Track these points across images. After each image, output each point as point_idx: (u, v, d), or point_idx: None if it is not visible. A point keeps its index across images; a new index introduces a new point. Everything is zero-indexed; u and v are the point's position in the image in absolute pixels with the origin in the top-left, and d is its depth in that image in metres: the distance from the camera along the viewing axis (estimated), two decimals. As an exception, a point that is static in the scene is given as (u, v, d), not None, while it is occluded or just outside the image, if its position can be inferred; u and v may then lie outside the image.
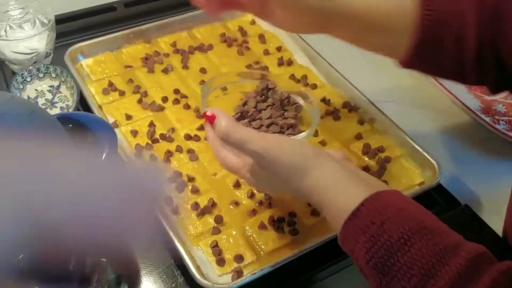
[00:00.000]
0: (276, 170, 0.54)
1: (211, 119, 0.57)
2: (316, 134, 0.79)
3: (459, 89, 0.91)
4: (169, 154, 0.75)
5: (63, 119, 0.60)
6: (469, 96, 0.91)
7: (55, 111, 0.81)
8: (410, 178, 0.75)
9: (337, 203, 0.52)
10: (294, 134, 0.65)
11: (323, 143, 0.78)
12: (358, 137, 0.80)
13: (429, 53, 0.64)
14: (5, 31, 0.83)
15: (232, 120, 0.57)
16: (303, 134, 0.64)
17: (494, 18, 0.60)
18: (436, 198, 0.75)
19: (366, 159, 0.77)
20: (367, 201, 0.50)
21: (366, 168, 0.75)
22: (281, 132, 0.66)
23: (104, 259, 0.64)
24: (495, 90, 0.66)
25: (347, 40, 0.68)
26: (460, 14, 0.61)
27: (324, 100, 0.85)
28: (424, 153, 0.75)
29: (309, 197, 0.55)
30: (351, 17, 0.64)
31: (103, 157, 0.56)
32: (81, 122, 0.60)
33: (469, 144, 0.85)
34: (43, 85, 0.85)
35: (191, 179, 0.72)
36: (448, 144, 0.85)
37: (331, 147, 0.78)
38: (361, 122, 0.82)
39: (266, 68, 0.90)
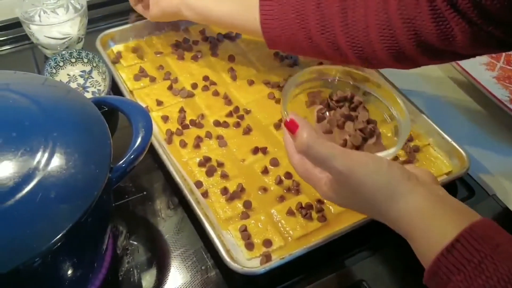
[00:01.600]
0: (360, 190, 0.51)
1: (292, 128, 0.53)
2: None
3: (487, 79, 0.90)
4: (199, 139, 0.76)
5: (98, 102, 0.62)
6: (497, 86, 0.91)
7: (87, 95, 0.82)
8: (438, 167, 0.75)
9: (428, 235, 0.48)
10: (376, 147, 0.60)
11: (351, 131, 0.78)
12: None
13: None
14: (39, 16, 0.85)
15: (315, 132, 0.52)
16: (390, 151, 0.58)
17: None
18: (463, 188, 0.75)
19: (394, 148, 0.77)
20: (462, 236, 0.46)
21: (395, 158, 0.75)
22: (363, 140, 0.60)
23: (135, 241, 0.66)
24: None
25: None
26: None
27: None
28: (453, 142, 0.75)
29: (394, 224, 0.51)
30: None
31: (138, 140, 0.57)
32: (115, 106, 0.62)
33: (497, 134, 0.85)
34: (75, 70, 0.86)
35: (220, 164, 0.73)
36: (476, 133, 0.85)
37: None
38: (389, 111, 0.82)
39: (293, 56, 0.91)
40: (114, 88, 0.82)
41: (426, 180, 0.53)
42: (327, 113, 0.63)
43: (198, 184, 0.70)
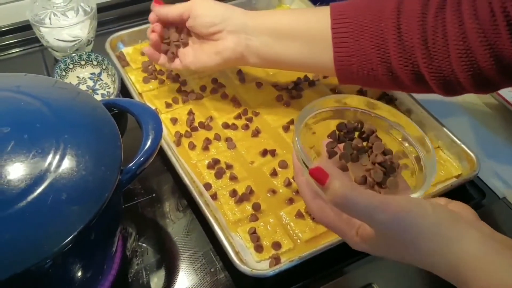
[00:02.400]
0: (405, 240, 0.46)
1: (321, 179, 0.47)
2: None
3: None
4: (207, 142, 0.76)
5: (108, 105, 0.62)
6: (507, 88, 0.90)
7: (96, 98, 0.82)
8: (447, 170, 0.74)
9: (489, 280, 0.44)
10: (400, 182, 0.54)
11: (360, 134, 0.78)
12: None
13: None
14: (49, 18, 0.85)
15: (349, 180, 0.47)
16: (419, 193, 0.52)
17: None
18: (473, 191, 0.75)
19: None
20: None
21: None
22: (384, 175, 0.54)
23: (144, 243, 0.66)
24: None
25: None
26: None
27: (360, 91, 0.85)
28: (462, 145, 0.75)
29: (447, 272, 0.46)
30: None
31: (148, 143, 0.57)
32: (126, 108, 0.62)
33: (507, 136, 0.84)
34: (85, 72, 0.87)
35: (229, 166, 0.73)
36: (485, 136, 0.84)
37: (368, 137, 0.78)
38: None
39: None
40: (123, 90, 0.83)
41: (469, 217, 0.50)
42: (337, 146, 0.58)
43: (207, 186, 0.70)
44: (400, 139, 0.58)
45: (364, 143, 0.57)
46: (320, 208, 0.52)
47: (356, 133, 0.58)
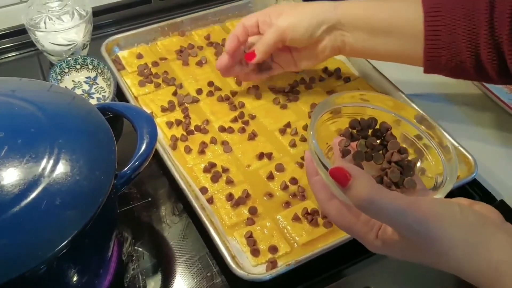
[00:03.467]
0: (433, 246, 0.44)
1: (342, 180, 0.44)
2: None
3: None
4: (203, 145, 0.75)
5: (103, 109, 0.62)
6: (503, 90, 0.90)
7: (92, 102, 0.82)
8: (445, 173, 0.74)
9: None
10: (417, 182, 0.52)
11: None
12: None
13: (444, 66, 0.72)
14: (45, 22, 0.85)
15: (374, 181, 0.44)
16: (440, 194, 0.50)
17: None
18: (471, 193, 0.74)
19: (400, 153, 0.76)
20: None
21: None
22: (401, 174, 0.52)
23: (140, 248, 0.66)
24: None
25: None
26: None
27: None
28: (460, 147, 0.75)
29: (474, 277, 0.45)
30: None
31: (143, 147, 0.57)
32: (120, 112, 0.61)
33: (503, 138, 0.84)
34: (80, 76, 0.86)
35: (225, 170, 0.73)
36: (482, 138, 0.84)
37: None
38: (395, 115, 0.82)
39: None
40: (119, 94, 0.82)
41: (495, 219, 0.48)
42: (350, 144, 0.55)
43: (203, 190, 0.70)
44: (413, 136, 0.56)
45: (378, 141, 0.55)
46: (337, 209, 0.50)
47: (370, 131, 0.56)
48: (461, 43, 0.69)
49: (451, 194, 0.56)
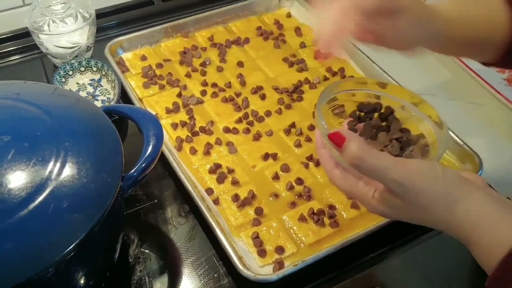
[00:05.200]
0: (417, 199, 0.49)
1: (338, 142, 0.50)
2: (354, 127, 0.79)
3: (498, 82, 0.90)
4: (209, 146, 0.75)
5: (109, 111, 0.62)
6: (508, 88, 0.90)
7: (96, 104, 0.82)
8: (450, 171, 0.74)
9: (491, 237, 0.47)
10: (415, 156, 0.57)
11: (361, 136, 0.78)
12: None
13: None
14: (48, 25, 0.85)
15: (364, 143, 0.50)
16: (428, 158, 0.56)
17: None
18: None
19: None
20: None
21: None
22: (401, 150, 0.57)
23: (147, 250, 0.66)
24: None
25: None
26: None
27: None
28: (465, 146, 0.75)
29: (454, 230, 0.49)
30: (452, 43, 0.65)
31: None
32: (126, 114, 0.61)
33: (509, 136, 0.84)
34: (85, 78, 0.86)
35: (230, 171, 0.73)
36: (488, 137, 0.84)
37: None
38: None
39: (302, 61, 0.91)
40: (124, 96, 0.82)
41: (479, 183, 0.52)
42: (357, 125, 0.61)
43: (209, 191, 0.70)
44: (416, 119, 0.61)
45: (383, 123, 0.60)
46: (340, 176, 0.54)
47: (376, 114, 0.62)
48: None
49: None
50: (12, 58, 0.95)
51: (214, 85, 0.86)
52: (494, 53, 0.66)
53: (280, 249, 0.64)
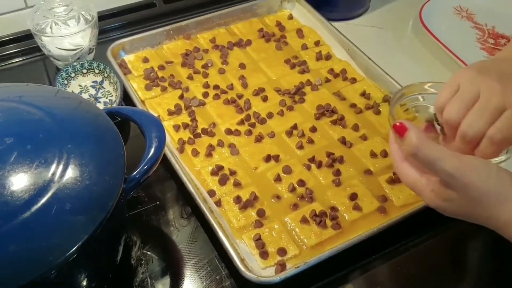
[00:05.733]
0: (469, 194, 0.50)
1: (401, 131, 0.53)
2: (356, 128, 0.79)
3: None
4: (211, 148, 0.76)
5: (111, 113, 0.62)
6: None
7: (99, 106, 0.82)
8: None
9: None
10: None
11: (364, 138, 0.78)
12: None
13: None
14: (51, 27, 0.85)
15: (424, 134, 0.52)
16: (501, 158, 0.57)
17: None
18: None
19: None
20: None
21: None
22: None
23: (149, 252, 0.66)
24: None
25: None
26: None
27: (364, 94, 0.85)
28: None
29: (503, 228, 0.51)
30: None
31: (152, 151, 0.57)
32: (129, 116, 0.62)
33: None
34: (87, 80, 0.86)
35: (232, 172, 0.73)
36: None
37: (372, 141, 0.78)
38: (401, 116, 0.82)
39: (304, 62, 0.91)
40: (126, 98, 0.82)
41: None
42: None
43: (211, 193, 0.70)
44: None
45: None
46: (405, 168, 0.56)
47: None
48: None
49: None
50: (15, 60, 0.95)
51: (216, 87, 0.86)
52: None
53: (282, 251, 0.64)
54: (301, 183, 0.72)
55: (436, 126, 0.62)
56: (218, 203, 0.69)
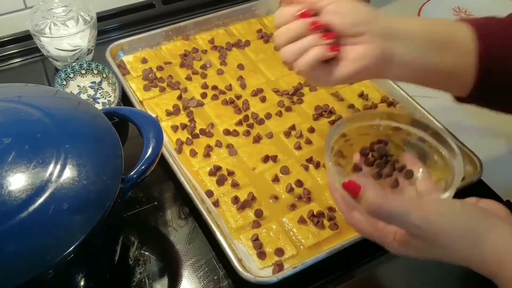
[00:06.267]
0: (438, 240, 0.48)
1: (353, 191, 0.50)
2: (354, 129, 0.79)
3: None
4: (209, 148, 0.76)
5: (109, 113, 0.62)
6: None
7: (97, 106, 0.82)
8: (450, 174, 0.74)
9: None
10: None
11: (361, 138, 0.78)
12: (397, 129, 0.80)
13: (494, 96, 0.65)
14: (50, 28, 0.85)
15: (380, 189, 0.50)
16: (444, 195, 0.55)
17: None
18: (477, 194, 0.74)
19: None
20: None
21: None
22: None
23: (147, 252, 0.66)
24: None
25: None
26: None
27: (362, 95, 0.85)
28: (465, 148, 0.75)
29: (480, 267, 0.49)
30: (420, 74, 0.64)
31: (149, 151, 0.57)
32: (126, 117, 0.62)
33: (509, 138, 0.84)
34: (86, 81, 0.87)
35: (230, 173, 0.73)
36: (488, 138, 0.84)
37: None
38: (399, 117, 0.82)
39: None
40: (124, 98, 0.83)
41: (500, 213, 0.51)
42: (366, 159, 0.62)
43: (209, 193, 0.70)
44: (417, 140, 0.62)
45: (389, 157, 0.62)
46: (357, 220, 0.54)
47: (385, 146, 0.63)
48: None
49: (456, 195, 0.56)
50: (14, 61, 0.95)
51: (215, 87, 0.86)
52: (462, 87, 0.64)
53: (279, 251, 0.65)
54: (299, 183, 0.72)
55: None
56: (216, 204, 0.69)
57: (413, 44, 0.62)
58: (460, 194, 0.70)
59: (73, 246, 0.47)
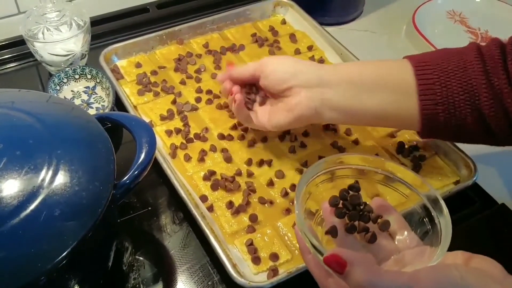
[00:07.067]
0: None
1: (339, 268, 0.44)
2: (349, 132, 0.79)
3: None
4: (203, 153, 0.75)
5: (102, 119, 0.62)
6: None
7: (91, 111, 0.82)
8: (445, 177, 0.74)
9: None
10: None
11: (356, 142, 0.78)
12: (391, 135, 0.80)
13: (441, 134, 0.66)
14: (43, 33, 0.85)
15: (370, 263, 0.45)
16: (432, 263, 0.48)
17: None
18: (472, 197, 0.74)
19: (400, 157, 0.77)
20: None
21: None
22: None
23: (141, 257, 0.66)
24: None
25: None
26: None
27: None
28: (460, 152, 0.75)
29: None
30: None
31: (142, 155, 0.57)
32: (119, 122, 0.62)
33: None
34: (79, 86, 0.86)
35: (225, 178, 0.73)
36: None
37: (365, 145, 0.78)
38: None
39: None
40: (118, 103, 0.82)
41: (497, 275, 0.47)
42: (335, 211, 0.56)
43: (203, 198, 0.70)
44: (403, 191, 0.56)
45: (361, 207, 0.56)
46: (336, 286, 0.49)
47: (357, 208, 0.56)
48: (459, 96, 0.62)
49: (451, 199, 0.56)
50: (7, 66, 0.95)
51: (209, 92, 0.86)
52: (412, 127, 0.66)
53: (274, 256, 0.64)
54: (294, 187, 0.72)
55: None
56: (210, 209, 0.69)
57: (340, 89, 0.66)
58: (456, 197, 0.70)
59: (65, 253, 0.47)
